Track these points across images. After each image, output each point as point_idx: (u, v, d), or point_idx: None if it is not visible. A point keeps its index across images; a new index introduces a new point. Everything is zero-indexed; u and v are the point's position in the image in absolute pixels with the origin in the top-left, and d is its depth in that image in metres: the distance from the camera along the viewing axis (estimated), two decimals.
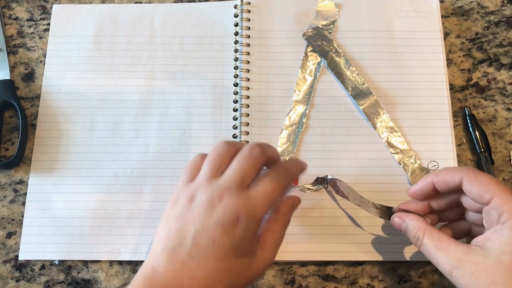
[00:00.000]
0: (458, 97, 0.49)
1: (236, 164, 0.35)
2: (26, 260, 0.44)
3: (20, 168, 0.47)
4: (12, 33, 0.51)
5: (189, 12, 0.51)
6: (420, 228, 0.37)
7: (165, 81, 0.49)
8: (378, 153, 0.46)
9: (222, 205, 0.33)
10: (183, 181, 0.36)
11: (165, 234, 0.34)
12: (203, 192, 0.34)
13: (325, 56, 0.49)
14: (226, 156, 0.36)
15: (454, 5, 0.52)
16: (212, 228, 0.33)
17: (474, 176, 0.35)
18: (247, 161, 0.35)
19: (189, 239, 0.33)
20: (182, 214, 0.34)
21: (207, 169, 0.35)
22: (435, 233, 0.36)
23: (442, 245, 0.35)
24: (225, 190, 0.34)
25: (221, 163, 0.35)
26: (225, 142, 0.36)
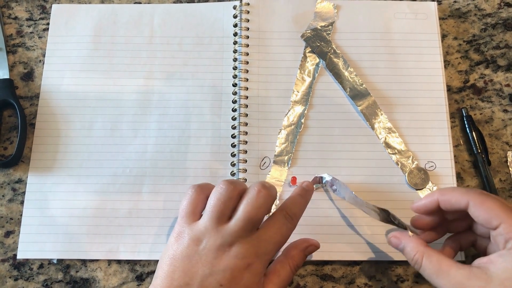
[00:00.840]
0: (455, 98, 0.49)
1: (244, 211, 0.35)
2: (24, 259, 0.44)
3: (19, 167, 0.47)
4: (12, 32, 0.51)
5: (188, 12, 0.51)
6: (418, 251, 0.37)
7: (164, 81, 0.49)
8: (376, 154, 0.47)
9: (233, 253, 0.34)
10: (184, 216, 0.36)
11: (170, 271, 0.35)
12: (211, 237, 0.35)
13: (323, 57, 0.49)
14: (231, 200, 0.36)
15: (451, 7, 0.52)
16: (221, 273, 0.34)
17: (481, 202, 0.35)
18: (255, 208, 0.35)
19: (196, 281, 0.34)
20: (188, 255, 0.35)
21: (212, 213, 0.35)
22: (434, 256, 0.36)
23: (442, 269, 0.35)
24: (235, 238, 0.34)
25: (226, 207, 0.35)
26: (228, 183, 0.36)
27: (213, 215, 0.35)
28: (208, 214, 0.35)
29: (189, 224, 0.36)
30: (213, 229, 0.35)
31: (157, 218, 0.45)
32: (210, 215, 0.35)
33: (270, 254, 0.36)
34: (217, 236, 0.35)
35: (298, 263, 0.38)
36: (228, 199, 0.36)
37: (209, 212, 0.35)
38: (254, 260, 0.35)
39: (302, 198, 0.39)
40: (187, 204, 0.37)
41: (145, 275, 0.44)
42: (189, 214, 0.36)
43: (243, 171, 0.46)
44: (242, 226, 0.35)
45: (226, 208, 0.35)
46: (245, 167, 0.46)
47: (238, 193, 0.36)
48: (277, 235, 0.36)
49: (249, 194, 0.36)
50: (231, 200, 0.36)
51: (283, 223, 0.37)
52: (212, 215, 0.35)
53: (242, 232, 0.35)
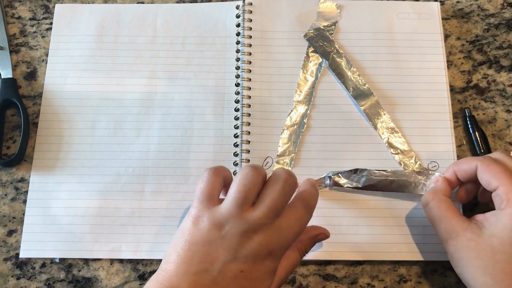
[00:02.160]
0: (458, 99, 0.49)
1: (270, 199, 0.35)
2: (26, 258, 0.44)
3: (22, 166, 0.47)
4: (15, 32, 0.51)
5: (191, 12, 0.52)
6: (434, 193, 0.40)
7: (167, 80, 0.49)
8: (379, 154, 0.47)
9: (257, 239, 0.34)
10: (202, 200, 0.36)
11: (187, 256, 0.34)
12: (236, 223, 0.34)
13: (326, 57, 0.49)
14: (256, 186, 0.35)
15: (454, 8, 0.52)
16: (243, 259, 0.34)
17: (487, 165, 0.38)
18: (281, 197, 0.35)
19: (217, 267, 0.33)
20: (209, 240, 0.34)
21: (236, 199, 0.35)
22: (445, 203, 0.39)
23: (447, 215, 0.39)
24: (260, 225, 0.34)
25: (251, 192, 0.35)
26: (253, 168, 0.36)
27: (237, 200, 0.34)
28: (232, 199, 0.35)
29: (209, 208, 0.35)
30: (237, 214, 0.34)
31: (159, 217, 0.45)
32: (234, 201, 0.34)
33: (289, 242, 0.36)
34: (242, 222, 0.34)
35: (306, 248, 0.39)
36: (253, 185, 0.35)
37: (233, 197, 0.35)
38: (275, 247, 0.35)
39: (315, 189, 0.39)
40: (205, 187, 0.36)
41: (148, 275, 0.44)
42: (207, 197, 0.36)
43: None
44: (267, 213, 0.34)
45: (251, 194, 0.35)
46: None
47: (262, 179, 0.36)
48: (297, 225, 0.36)
49: (275, 181, 0.35)
50: (256, 186, 0.35)
51: (303, 214, 0.37)
52: (236, 201, 0.34)
53: (266, 220, 0.34)
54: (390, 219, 0.44)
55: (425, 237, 0.44)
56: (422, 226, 0.44)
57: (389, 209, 0.45)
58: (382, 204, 0.45)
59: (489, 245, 0.36)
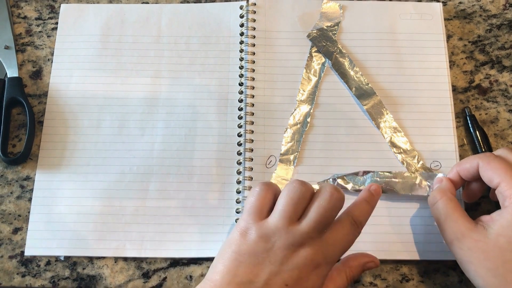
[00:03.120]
0: (460, 99, 0.49)
1: (316, 213, 0.35)
2: (32, 256, 0.44)
3: (27, 164, 0.47)
4: (21, 31, 0.52)
5: (195, 12, 0.52)
6: (441, 192, 0.40)
7: (171, 80, 0.50)
8: (381, 153, 0.47)
9: (303, 253, 0.34)
10: (251, 213, 0.36)
11: (233, 266, 0.34)
12: (282, 237, 0.34)
13: (329, 57, 0.50)
14: (303, 200, 0.35)
15: (456, 8, 0.53)
16: (288, 272, 0.33)
17: (488, 162, 0.38)
18: (328, 211, 0.35)
19: (262, 278, 0.33)
20: (256, 252, 0.34)
21: (284, 213, 0.35)
22: (452, 202, 0.39)
23: (453, 216, 0.38)
24: (306, 239, 0.34)
25: (299, 207, 0.35)
26: (301, 183, 0.36)
27: (285, 214, 0.34)
28: (280, 213, 0.35)
29: (257, 221, 0.35)
30: (284, 228, 0.34)
31: (163, 216, 0.45)
32: (282, 214, 0.34)
33: (335, 258, 0.36)
34: (288, 235, 0.34)
35: (354, 275, 0.38)
36: (301, 199, 0.35)
37: (281, 211, 0.35)
38: (321, 262, 0.34)
39: (368, 204, 0.38)
40: (255, 200, 0.36)
41: (151, 273, 0.44)
42: (257, 211, 0.36)
43: (249, 170, 0.46)
44: (314, 227, 0.34)
45: (299, 208, 0.35)
46: (251, 165, 0.46)
47: (310, 194, 0.36)
48: (344, 241, 0.36)
49: (322, 196, 0.35)
50: (304, 200, 0.35)
51: (349, 229, 0.36)
52: (284, 214, 0.34)
53: (312, 234, 0.34)
54: (393, 218, 0.45)
55: (427, 236, 0.44)
56: (424, 225, 0.44)
57: (391, 208, 0.45)
58: (384, 204, 0.45)
59: (496, 245, 0.35)
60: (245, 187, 0.45)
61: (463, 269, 0.38)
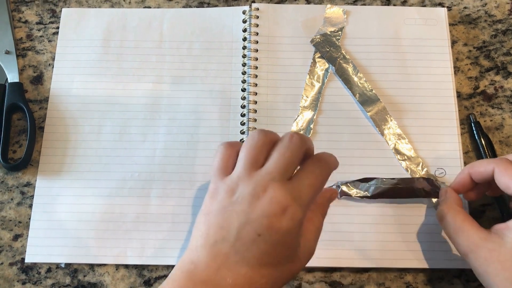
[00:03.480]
0: (465, 105, 0.49)
1: (277, 154, 0.34)
2: (32, 263, 0.44)
3: (28, 170, 0.47)
4: (22, 36, 0.52)
5: (198, 17, 0.51)
6: (448, 205, 0.39)
7: (173, 85, 0.49)
8: (385, 160, 0.46)
9: (268, 197, 0.32)
10: (217, 173, 0.35)
11: (205, 228, 0.33)
12: (245, 185, 0.33)
13: (333, 63, 0.49)
14: (264, 146, 0.34)
15: (461, 13, 0.52)
16: (257, 221, 0.32)
17: (504, 168, 0.37)
18: (288, 151, 0.33)
19: (233, 233, 0.32)
20: (222, 208, 0.33)
21: (245, 161, 0.34)
22: (460, 214, 0.38)
23: (464, 228, 0.37)
24: (269, 181, 0.32)
25: (260, 153, 0.34)
26: (260, 131, 0.35)
27: (246, 161, 0.33)
28: (241, 162, 0.34)
29: (222, 178, 0.34)
30: (246, 175, 0.33)
31: (165, 222, 0.45)
32: (243, 162, 0.34)
33: (306, 199, 0.33)
34: (250, 181, 0.33)
35: (325, 211, 0.38)
36: (261, 145, 0.34)
37: (242, 160, 0.34)
38: (290, 203, 0.32)
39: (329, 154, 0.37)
40: (219, 160, 0.35)
41: (153, 280, 0.44)
42: (221, 169, 0.35)
43: None
44: (276, 168, 0.33)
45: (260, 153, 0.34)
46: None
47: (271, 140, 0.35)
48: (311, 177, 0.34)
49: (283, 140, 0.34)
50: (264, 146, 0.34)
51: (315, 165, 0.35)
52: (245, 162, 0.34)
53: (275, 175, 0.33)
54: (397, 226, 0.44)
55: (432, 244, 0.43)
56: (429, 233, 0.44)
57: (395, 216, 0.44)
58: (388, 211, 0.45)
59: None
60: None
61: (481, 281, 0.37)
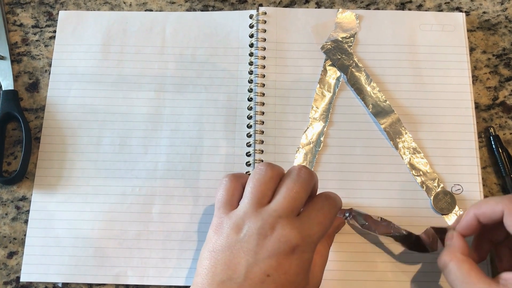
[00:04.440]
0: (483, 117, 0.46)
1: (285, 189, 0.33)
2: (28, 282, 0.42)
3: (23, 184, 0.45)
4: (16, 40, 0.49)
5: (202, 21, 0.49)
6: (452, 253, 0.36)
7: (176, 94, 0.47)
8: (400, 175, 0.44)
9: (276, 236, 0.31)
10: (221, 207, 0.34)
11: (210, 266, 0.32)
12: (251, 222, 0.32)
13: (344, 71, 0.47)
14: (271, 181, 0.34)
15: (480, 19, 0.50)
16: (266, 261, 0.31)
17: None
18: (297, 185, 0.33)
19: (241, 273, 0.31)
20: (229, 245, 0.32)
21: (252, 196, 0.33)
22: (465, 264, 0.35)
23: (470, 279, 0.34)
24: (277, 218, 0.32)
25: (267, 188, 0.33)
26: (267, 165, 0.34)
27: (252, 197, 0.33)
28: (247, 198, 0.33)
29: (227, 213, 0.34)
30: (253, 212, 0.32)
31: (168, 240, 0.43)
32: (250, 198, 0.33)
33: (316, 237, 0.33)
34: (257, 218, 0.32)
35: (332, 241, 0.37)
36: (268, 180, 0.33)
37: (248, 195, 0.33)
38: (299, 242, 0.32)
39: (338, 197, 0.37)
40: (223, 193, 0.35)
41: None
42: (226, 203, 0.34)
43: None
44: (284, 205, 0.32)
45: (267, 189, 0.33)
46: None
47: (278, 175, 0.34)
48: (320, 215, 0.33)
49: (291, 174, 0.34)
50: (271, 180, 0.33)
51: (323, 203, 0.34)
52: (251, 197, 0.33)
53: (283, 212, 0.32)
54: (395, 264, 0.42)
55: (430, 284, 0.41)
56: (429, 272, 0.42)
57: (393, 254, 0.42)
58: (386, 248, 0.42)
59: None
60: None
61: None
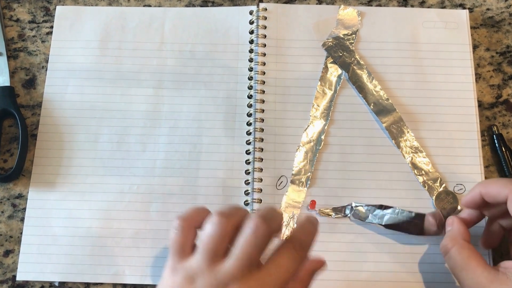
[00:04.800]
0: (486, 115, 0.46)
1: (241, 247, 0.31)
2: (24, 281, 0.42)
3: (19, 181, 0.44)
4: (13, 35, 0.48)
5: (201, 17, 0.48)
6: (453, 239, 0.36)
7: (175, 91, 0.46)
8: (401, 175, 0.43)
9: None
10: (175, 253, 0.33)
11: None
12: (205, 279, 0.30)
13: (346, 68, 0.46)
14: (226, 236, 0.32)
15: (484, 16, 0.49)
16: None
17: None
18: (251, 244, 0.31)
19: None
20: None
21: (205, 252, 0.31)
22: (465, 250, 0.35)
23: (469, 266, 0.35)
24: (231, 280, 0.30)
25: (220, 245, 0.31)
26: (221, 217, 0.32)
27: (206, 253, 0.31)
28: (201, 252, 0.32)
29: (180, 260, 0.32)
30: (206, 268, 0.31)
31: (166, 239, 0.42)
32: (203, 253, 0.31)
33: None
34: (211, 277, 0.31)
35: (307, 285, 0.35)
36: (221, 236, 0.32)
37: (202, 249, 0.32)
38: None
39: (312, 224, 0.34)
40: (177, 238, 0.33)
41: None
42: (180, 249, 0.33)
43: (258, 191, 0.43)
44: (239, 265, 0.31)
45: (220, 245, 0.31)
46: (260, 186, 0.43)
47: (232, 227, 0.32)
48: (283, 271, 0.31)
49: (246, 230, 0.31)
50: (225, 236, 0.32)
51: (291, 256, 0.32)
52: (204, 253, 0.31)
53: (239, 273, 0.30)
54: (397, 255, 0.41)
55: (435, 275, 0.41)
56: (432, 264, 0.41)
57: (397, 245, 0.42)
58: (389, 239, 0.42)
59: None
60: (253, 210, 0.42)
61: None
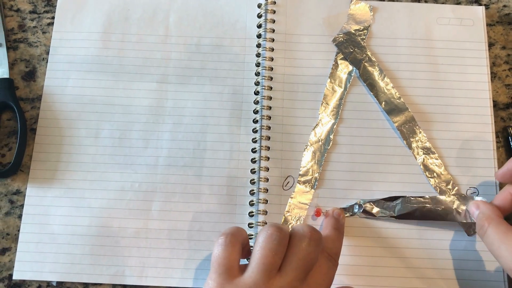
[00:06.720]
0: (501, 116, 0.44)
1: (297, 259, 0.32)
2: (21, 280, 0.40)
3: (18, 177, 0.43)
4: (13, 26, 0.47)
5: (208, 10, 0.46)
6: (488, 218, 0.36)
7: (179, 86, 0.45)
8: (412, 177, 0.42)
9: None
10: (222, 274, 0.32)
11: None
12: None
13: (357, 65, 0.44)
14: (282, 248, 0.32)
15: (500, 12, 0.47)
16: None
17: None
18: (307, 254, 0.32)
19: None
20: None
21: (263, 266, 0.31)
22: (502, 226, 0.35)
23: (507, 239, 0.34)
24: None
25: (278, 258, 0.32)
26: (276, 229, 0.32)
27: (263, 268, 0.31)
28: (257, 267, 0.31)
29: (229, 278, 0.31)
30: (264, 283, 0.30)
31: (167, 239, 0.41)
32: (260, 268, 0.31)
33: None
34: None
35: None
36: (279, 248, 0.32)
37: (258, 264, 0.31)
38: None
39: (339, 232, 0.37)
40: (222, 258, 0.32)
41: None
42: (227, 269, 0.32)
43: (264, 191, 0.41)
44: (296, 277, 0.31)
45: (277, 258, 0.31)
46: (266, 186, 0.41)
47: (285, 236, 0.32)
48: (326, 281, 0.33)
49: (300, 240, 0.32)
50: (282, 248, 0.32)
51: (328, 266, 0.34)
52: (262, 268, 0.31)
53: (295, 283, 0.31)
54: (422, 251, 0.40)
55: (461, 272, 0.39)
56: (458, 260, 0.40)
57: (420, 240, 0.40)
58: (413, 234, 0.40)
59: None
60: (259, 211, 0.41)
61: None
